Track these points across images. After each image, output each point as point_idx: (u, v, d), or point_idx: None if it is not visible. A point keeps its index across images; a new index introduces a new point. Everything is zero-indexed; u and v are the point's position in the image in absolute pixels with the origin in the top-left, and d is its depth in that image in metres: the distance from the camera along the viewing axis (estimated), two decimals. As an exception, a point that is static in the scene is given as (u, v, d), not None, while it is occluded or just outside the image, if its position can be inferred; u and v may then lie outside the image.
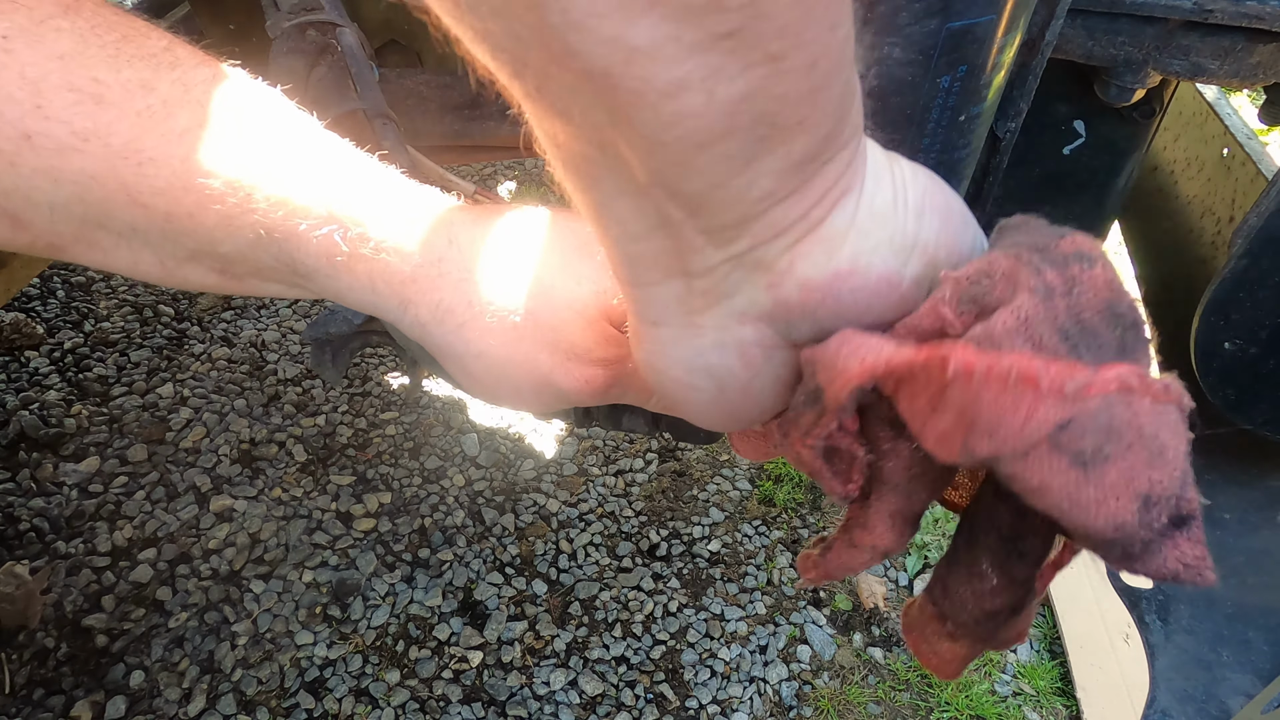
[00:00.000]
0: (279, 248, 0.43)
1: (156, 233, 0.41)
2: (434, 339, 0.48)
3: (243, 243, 0.42)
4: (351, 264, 0.45)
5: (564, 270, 0.48)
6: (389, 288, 0.46)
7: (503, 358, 0.48)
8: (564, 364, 0.48)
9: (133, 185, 0.39)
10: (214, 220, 0.41)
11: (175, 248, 0.42)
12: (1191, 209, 1.17)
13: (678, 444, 2.20)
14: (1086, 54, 0.84)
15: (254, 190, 0.41)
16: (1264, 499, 1.01)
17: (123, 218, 0.40)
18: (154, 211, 0.40)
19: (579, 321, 0.48)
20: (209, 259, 0.43)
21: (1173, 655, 0.92)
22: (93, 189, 0.38)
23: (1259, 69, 0.81)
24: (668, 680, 1.74)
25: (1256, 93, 1.87)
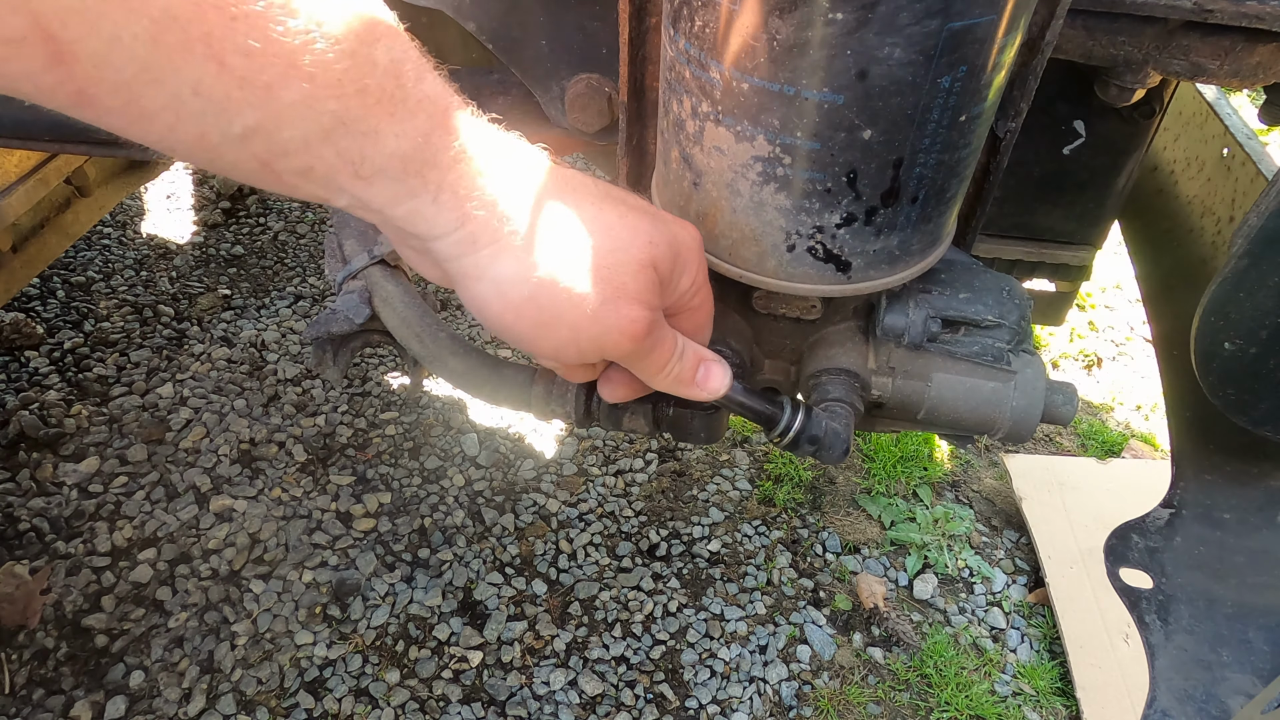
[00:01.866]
0: (351, 140, 0.40)
1: (219, 99, 0.36)
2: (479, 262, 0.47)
3: (312, 129, 0.38)
4: (424, 170, 0.43)
5: (621, 218, 0.51)
6: (453, 201, 0.44)
7: (555, 286, 0.47)
8: (614, 300, 0.49)
9: (218, 38, 0.34)
10: (293, 97, 0.37)
11: (230, 122, 0.37)
12: (1191, 209, 1.17)
13: (678, 444, 2.20)
14: (1086, 54, 0.84)
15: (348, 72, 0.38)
16: (1264, 499, 1.01)
17: (190, 74, 0.34)
18: (229, 72, 0.35)
19: (633, 265, 0.50)
20: (262, 143, 0.38)
21: (1173, 655, 0.92)
22: (171, 30, 0.33)
23: (1259, 69, 0.81)
24: (668, 680, 1.74)
25: (1256, 93, 1.87)
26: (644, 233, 0.51)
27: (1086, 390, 2.52)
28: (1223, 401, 0.84)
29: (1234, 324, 0.79)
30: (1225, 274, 0.77)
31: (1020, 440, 0.73)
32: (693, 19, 0.56)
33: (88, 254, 2.53)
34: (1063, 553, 1.96)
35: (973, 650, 1.84)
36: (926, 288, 0.73)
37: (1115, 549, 0.99)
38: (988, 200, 0.79)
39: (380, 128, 0.40)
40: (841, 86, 0.53)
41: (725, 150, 0.60)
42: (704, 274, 0.58)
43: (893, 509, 2.08)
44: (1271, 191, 0.75)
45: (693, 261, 0.55)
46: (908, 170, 0.58)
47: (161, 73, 0.34)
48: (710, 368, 0.59)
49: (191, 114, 0.36)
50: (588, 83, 0.87)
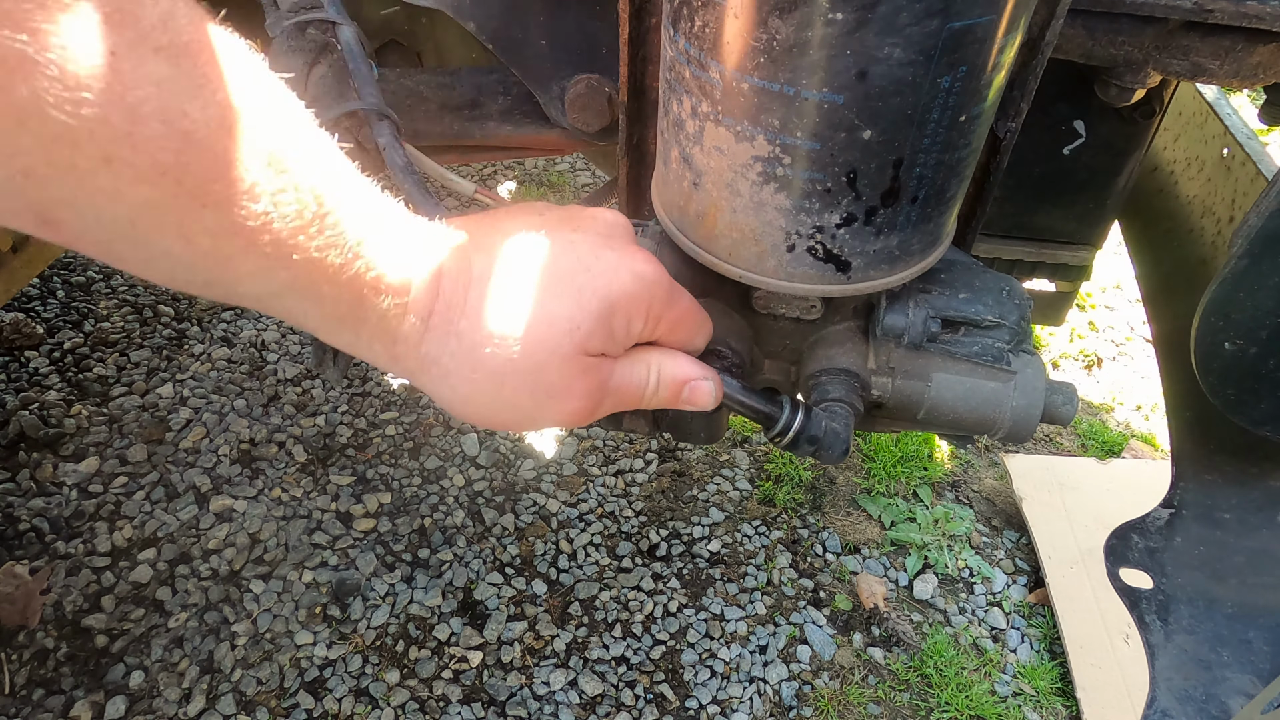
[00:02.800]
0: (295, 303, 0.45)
1: (186, 262, 0.41)
2: (424, 385, 0.52)
3: (264, 290, 0.44)
4: (357, 327, 0.48)
5: (538, 311, 0.51)
6: (384, 346, 0.50)
7: (488, 401, 0.52)
8: (545, 402, 0.52)
9: (188, 223, 0.39)
10: (250, 269, 0.42)
11: (194, 276, 0.43)
12: (1191, 209, 1.17)
13: (678, 444, 2.20)
14: (1086, 54, 0.84)
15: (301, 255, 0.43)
16: (1264, 499, 1.01)
17: (161, 245, 0.40)
18: (196, 248, 0.40)
19: (554, 361, 0.51)
20: (220, 290, 0.44)
21: (1173, 655, 0.92)
22: (147, 216, 0.38)
23: (1259, 69, 0.81)
24: (668, 680, 1.74)
25: (1256, 93, 1.87)
26: (563, 320, 0.51)
27: (1086, 390, 2.52)
28: (1223, 401, 0.84)
29: (1234, 324, 0.79)
30: (1225, 274, 0.77)
31: (1020, 440, 0.73)
32: (693, 19, 0.56)
33: (88, 254, 2.53)
34: (1063, 553, 1.96)
35: (973, 650, 1.84)
36: (926, 288, 0.73)
37: (1115, 549, 0.99)
38: (988, 200, 0.79)
39: (322, 292, 0.45)
40: (841, 86, 0.53)
41: (725, 150, 0.60)
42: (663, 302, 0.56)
43: (893, 509, 2.08)
44: (1271, 191, 0.75)
45: (639, 305, 0.54)
46: (908, 170, 0.58)
47: (137, 242, 0.40)
48: (696, 387, 0.59)
49: (163, 267, 0.42)
50: (588, 83, 0.87)
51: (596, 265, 0.53)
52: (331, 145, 0.46)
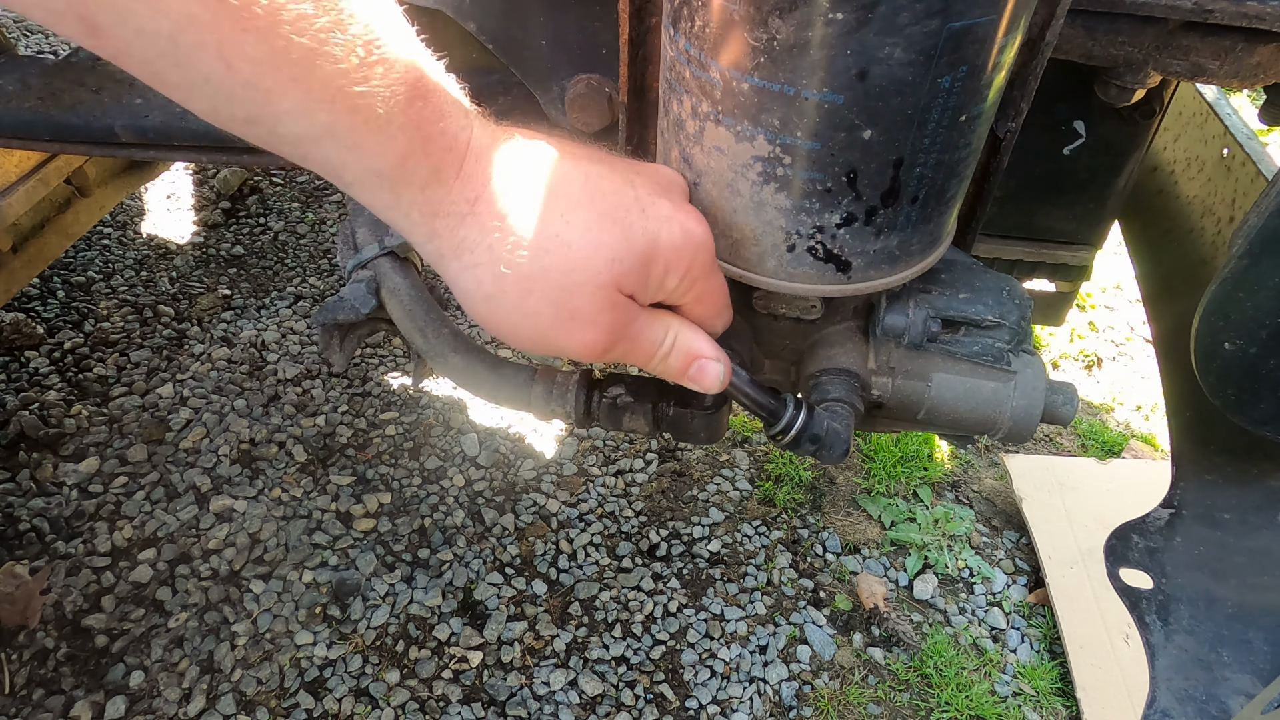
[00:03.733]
0: (336, 149, 0.44)
1: (226, 91, 0.40)
2: (450, 272, 0.50)
3: (304, 132, 0.43)
4: (398, 188, 0.46)
5: (585, 233, 0.50)
6: (423, 217, 0.48)
7: (510, 305, 0.50)
8: (566, 323, 0.51)
9: (229, 45, 0.38)
10: (290, 105, 0.41)
11: (236, 109, 0.41)
12: (1191, 209, 1.17)
13: (678, 444, 2.20)
14: (1086, 54, 0.84)
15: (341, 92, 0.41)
16: (1264, 499, 1.01)
17: (203, 68, 0.39)
18: (236, 74, 0.39)
19: (589, 286, 0.50)
20: (263, 129, 0.43)
21: (1173, 655, 0.92)
22: (189, 32, 0.37)
23: (1259, 69, 0.81)
24: (668, 680, 1.74)
25: (1256, 93, 1.87)
26: (607, 249, 0.50)
27: (1086, 390, 2.52)
28: (1223, 401, 0.84)
29: (1234, 324, 0.79)
30: (1225, 274, 0.77)
31: (1020, 440, 0.73)
32: (693, 19, 0.56)
33: (88, 254, 2.53)
34: (1063, 553, 1.96)
35: (973, 650, 1.84)
36: (926, 288, 0.73)
37: (1115, 549, 0.99)
38: (988, 200, 0.79)
39: (363, 144, 0.44)
40: (841, 86, 0.53)
41: (725, 150, 0.60)
42: (702, 268, 0.56)
43: (893, 509, 2.08)
44: (1271, 191, 0.75)
45: (681, 260, 0.54)
46: (908, 170, 0.58)
47: (179, 61, 0.39)
48: (705, 365, 0.58)
49: (204, 95, 0.41)
50: (588, 83, 0.87)
51: (652, 209, 0.53)
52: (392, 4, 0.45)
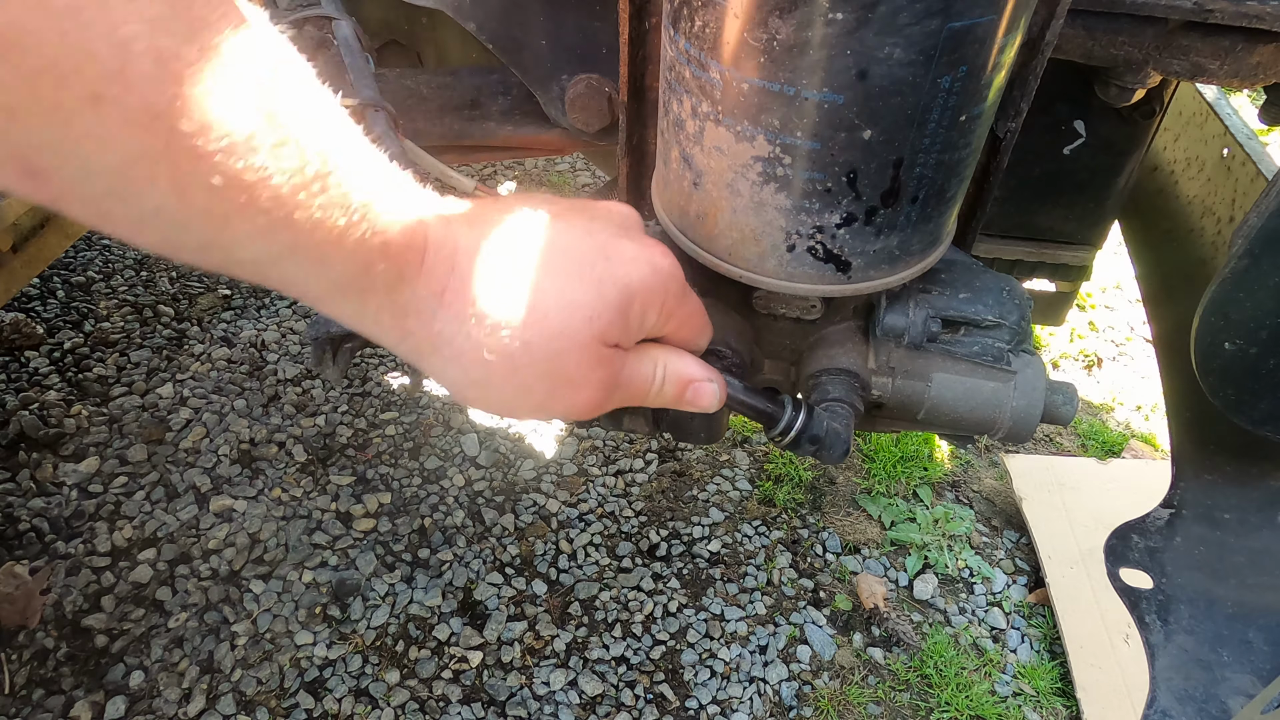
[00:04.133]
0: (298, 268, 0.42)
1: (180, 221, 0.38)
2: (432, 367, 0.50)
3: (264, 255, 0.41)
4: (363, 297, 0.46)
5: (559, 297, 0.49)
6: (393, 319, 0.47)
7: (501, 386, 0.50)
8: (560, 390, 0.51)
9: (183, 174, 0.36)
10: (249, 229, 0.39)
11: (188, 236, 0.40)
12: (1191, 209, 1.17)
13: (678, 444, 2.20)
14: (1086, 54, 0.84)
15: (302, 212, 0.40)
16: (1264, 499, 1.01)
17: (153, 200, 0.37)
18: (190, 204, 0.37)
19: (574, 350, 0.50)
20: (219, 255, 0.41)
21: (1173, 655, 0.92)
22: (140, 167, 0.36)
23: (1259, 69, 0.81)
24: (668, 680, 1.74)
25: (1256, 93, 1.87)
26: (583, 308, 0.50)
27: (1086, 390, 2.52)
28: (1223, 401, 0.84)
29: (1234, 324, 0.79)
30: (1225, 274, 0.78)
31: (1020, 440, 0.73)
32: (693, 19, 0.56)
33: (88, 254, 2.53)
34: (1063, 553, 1.96)
35: (973, 650, 1.84)
36: (926, 288, 0.73)
37: (1115, 549, 0.99)
38: (988, 200, 0.79)
39: (328, 256, 0.42)
40: (841, 86, 0.53)
41: (725, 150, 0.60)
42: (675, 298, 0.56)
43: (893, 509, 2.08)
44: (1271, 191, 0.75)
45: (655, 298, 0.54)
46: (908, 170, 0.58)
47: (127, 196, 0.37)
48: (698, 389, 0.58)
49: (155, 228, 0.39)
50: (588, 83, 0.87)
51: (616, 254, 0.52)
52: (336, 107, 0.44)
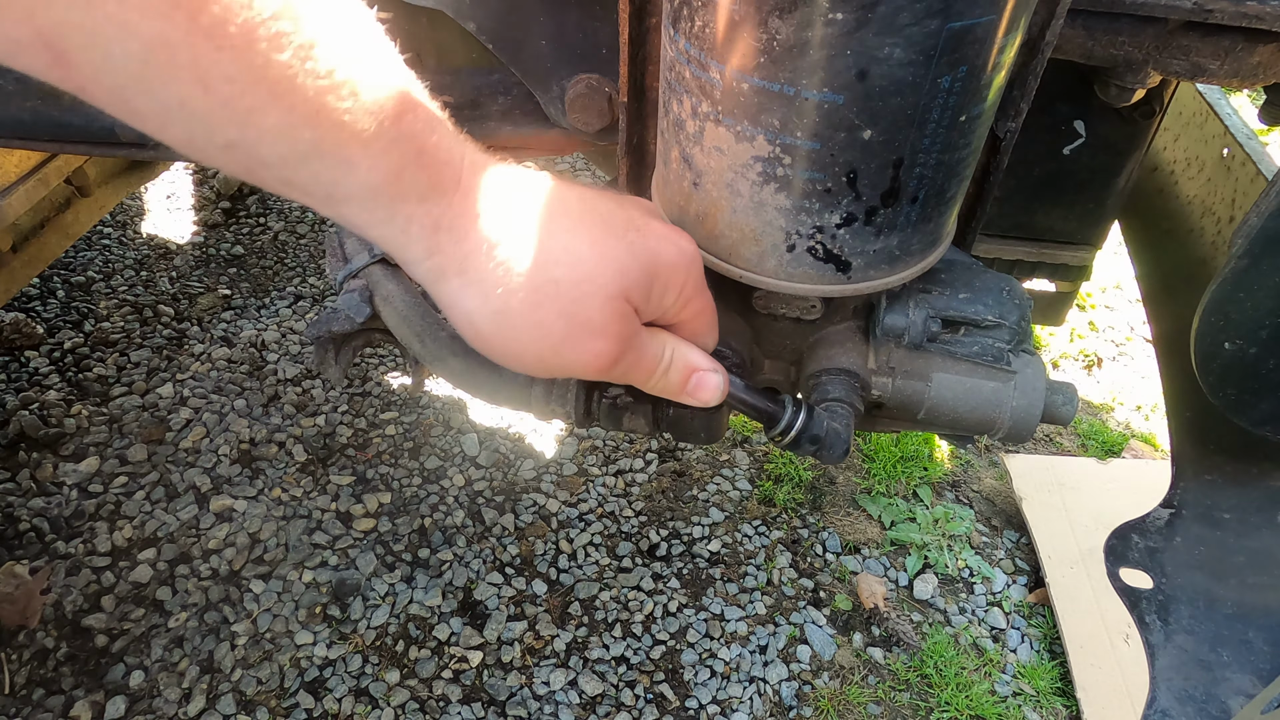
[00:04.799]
0: (325, 167, 0.42)
1: (203, 115, 0.38)
2: (451, 289, 0.49)
3: (288, 152, 0.41)
4: (393, 203, 0.45)
5: (593, 246, 0.49)
6: (421, 233, 0.46)
7: (519, 319, 0.49)
8: (578, 334, 0.50)
9: (204, 65, 0.36)
10: (272, 123, 0.39)
11: (214, 134, 0.39)
12: (1191, 209, 1.17)
13: (678, 444, 2.20)
14: (1086, 54, 0.84)
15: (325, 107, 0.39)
16: (1264, 499, 1.01)
17: (177, 91, 0.37)
18: (214, 96, 0.37)
19: (599, 296, 0.49)
20: (244, 154, 0.41)
21: (1173, 655, 0.92)
22: (161, 54, 0.35)
23: (1259, 69, 0.80)
24: (668, 680, 1.74)
25: (1256, 93, 1.87)
26: (614, 261, 0.50)
27: (1086, 390, 2.52)
28: (1223, 401, 0.84)
29: (1234, 324, 0.79)
30: (1225, 274, 0.78)
31: (1020, 440, 0.73)
32: (693, 19, 0.56)
33: (88, 254, 2.53)
34: (1063, 553, 1.96)
35: (973, 650, 1.84)
36: (927, 288, 0.73)
37: (1115, 549, 0.99)
38: (988, 200, 0.79)
39: (354, 159, 0.42)
40: (841, 86, 0.53)
41: (725, 150, 0.60)
42: (695, 285, 0.56)
43: (893, 509, 2.08)
44: (1271, 191, 0.75)
45: (677, 277, 0.54)
46: (908, 170, 0.58)
47: (151, 86, 0.37)
48: (703, 378, 0.58)
49: (179, 121, 0.39)
50: (588, 83, 0.87)
51: (647, 228, 0.53)
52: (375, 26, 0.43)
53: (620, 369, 0.53)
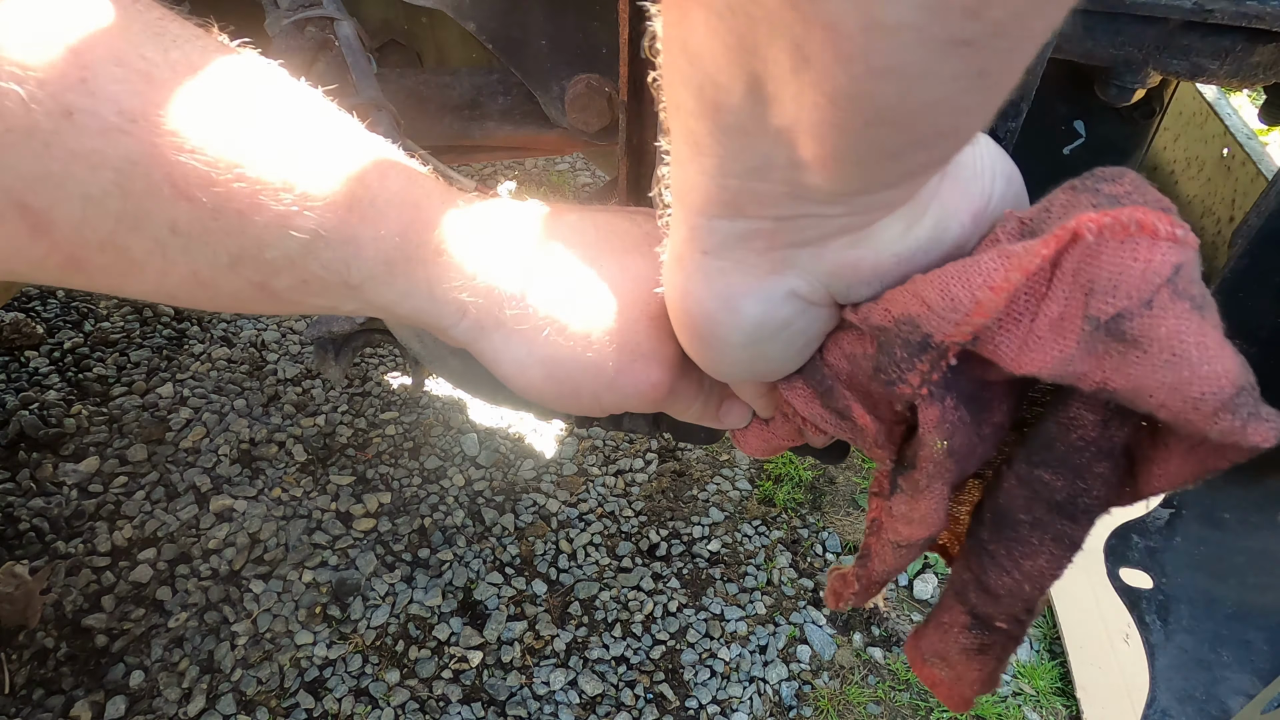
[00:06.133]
0: (332, 252, 0.40)
1: (199, 233, 0.37)
2: (493, 345, 0.47)
3: (293, 247, 0.39)
4: (410, 269, 0.43)
5: (624, 271, 0.47)
6: (448, 294, 0.44)
7: (569, 362, 0.46)
8: (631, 364, 0.47)
9: (180, 176, 0.35)
10: (266, 219, 0.38)
11: (215, 253, 0.38)
12: (1191, 209, 1.17)
13: (678, 444, 2.20)
14: (1086, 54, 0.84)
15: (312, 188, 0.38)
16: (1264, 499, 1.01)
17: (164, 215, 0.36)
18: (200, 207, 0.36)
19: (644, 320, 0.47)
20: (251, 267, 0.39)
21: (1173, 655, 0.92)
22: (135, 178, 0.34)
23: (1259, 69, 0.80)
24: (668, 680, 1.74)
25: (1256, 93, 1.87)
26: (647, 280, 0.47)
27: (1086, 390, 2.52)
28: (1223, 401, 0.84)
29: (1234, 324, 0.79)
30: (1225, 274, 0.78)
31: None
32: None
33: (88, 254, 2.53)
34: (1063, 553, 1.96)
35: (973, 650, 1.84)
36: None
37: (1115, 549, 0.99)
38: (988, 200, 0.79)
39: (358, 234, 0.40)
40: (841, 86, 0.53)
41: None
42: None
43: (893, 509, 2.08)
44: (1271, 191, 0.75)
45: None
46: (907, 170, 0.58)
47: (138, 220, 0.35)
48: (731, 406, 0.56)
49: (178, 253, 0.37)
50: (588, 83, 0.87)
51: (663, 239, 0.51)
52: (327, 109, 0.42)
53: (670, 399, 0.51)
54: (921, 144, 0.31)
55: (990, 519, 0.43)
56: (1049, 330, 0.34)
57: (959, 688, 0.45)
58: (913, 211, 0.37)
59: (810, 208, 0.34)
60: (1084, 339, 0.33)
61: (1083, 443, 0.38)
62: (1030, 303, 0.34)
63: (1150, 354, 0.31)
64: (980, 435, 0.41)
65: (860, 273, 0.38)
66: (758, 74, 0.29)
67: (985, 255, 0.35)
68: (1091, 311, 0.32)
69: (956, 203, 0.38)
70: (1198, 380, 0.31)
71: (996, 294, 0.34)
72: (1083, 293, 0.32)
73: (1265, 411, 0.32)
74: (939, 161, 0.34)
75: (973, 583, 0.43)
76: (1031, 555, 0.41)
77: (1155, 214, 0.31)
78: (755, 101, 0.31)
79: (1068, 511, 0.40)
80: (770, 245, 0.37)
